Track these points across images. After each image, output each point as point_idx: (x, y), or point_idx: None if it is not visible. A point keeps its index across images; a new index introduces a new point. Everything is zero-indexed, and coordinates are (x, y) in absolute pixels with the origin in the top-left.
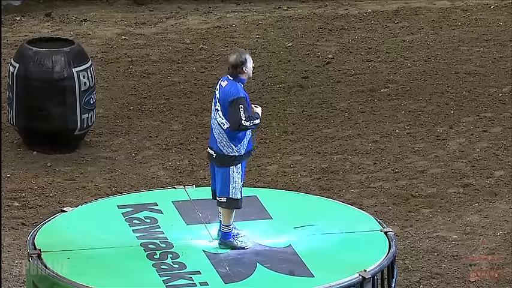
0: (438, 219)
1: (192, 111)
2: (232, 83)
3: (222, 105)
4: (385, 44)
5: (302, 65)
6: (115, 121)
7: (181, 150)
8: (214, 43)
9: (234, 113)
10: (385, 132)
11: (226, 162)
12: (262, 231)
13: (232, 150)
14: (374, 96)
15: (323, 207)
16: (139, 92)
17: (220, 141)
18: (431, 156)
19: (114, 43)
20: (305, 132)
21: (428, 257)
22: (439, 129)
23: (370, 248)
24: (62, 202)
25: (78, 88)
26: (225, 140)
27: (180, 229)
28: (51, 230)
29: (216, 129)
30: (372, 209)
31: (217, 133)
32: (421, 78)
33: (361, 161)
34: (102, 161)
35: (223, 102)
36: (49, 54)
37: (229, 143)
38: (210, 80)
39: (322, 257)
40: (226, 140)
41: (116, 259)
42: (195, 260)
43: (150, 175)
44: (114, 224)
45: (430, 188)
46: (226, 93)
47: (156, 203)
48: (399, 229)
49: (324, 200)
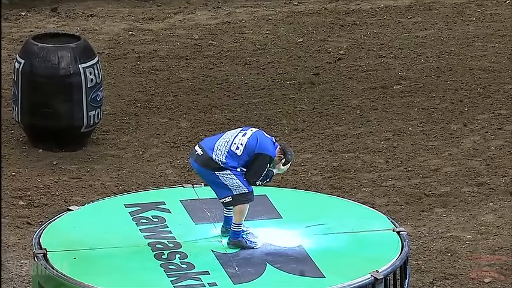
0: (452, 218)
1: (200, 108)
2: (271, 140)
3: (246, 145)
4: (397, 40)
5: (313, 61)
6: (122, 118)
7: (189, 148)
8: (224, 39)
9: (258, 168)
10: (397, 130)
11: (210, 166)
12: (272, 231)
13: (221, 163)
14: (386, 93)
15: (334, 206)
16: (147, 88)
17: (219, 152)
18: (445, 154)
19: (121, 39)
20: (316, 129)
21: (441, 257)
22: (452, 126)
23: (383, 248)
24: (68, 201)
25: (85, 85)
26: (222, 155)
27: (188, 228)
28: (57, 230)
29: (224, 145)
30: (384, 208)
31: (223, 147)
32: (434, 75)
33: (373, 159)
34: (109, 159)
35: (249, 146)
36: (55, 50)
37: (224, 161)
38: (219, 76)
39: (333, 257)
40: (224, 158)
41: (123, 259)
42: (203, 260)
43: (157, 173)
44: (121, 224)
45: (443, 186)
46: (261, 143)
47: (164, 202)
48: (412, 229)
49: (335, 199)
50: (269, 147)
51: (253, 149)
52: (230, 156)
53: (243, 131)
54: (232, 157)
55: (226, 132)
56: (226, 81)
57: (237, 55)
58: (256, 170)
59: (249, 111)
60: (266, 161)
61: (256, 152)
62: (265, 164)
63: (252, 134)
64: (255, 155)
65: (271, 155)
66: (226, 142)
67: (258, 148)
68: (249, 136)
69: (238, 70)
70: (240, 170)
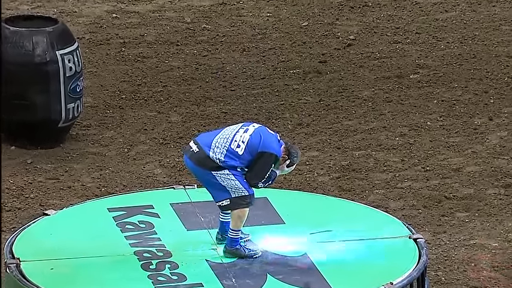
0: (476, 224)
1: (193, 101)
2: (276, 137)
3: (248, 143)
4: (414, 23)
5: (319, 47)
6: (105, 112)
7: (180, 145)
8: (219, 22)
9: (261, 169)
10: (414, 125)
11: (207, 164)
12: (274, 238)
13: (219, 162)
14: (402, 83)
15: (343, 210)
16: (133, 78)
17: (217, 149)
18: (468, 152)
19: (103, 22)
20: (323, 124)
21: (464, 267)
22: (476, 121)
23: (397, 257)
24: (44, 204)
25: (63, 74)
26: (221, 154)
27: (179, 235)
28: (31, 237)
29: (223, 142)
30: (400, 212)
31: (222, 144)
32: (456, 63)
33: (387, 157)
34: (90, 157)
35: (252, 144)
36: (29, 35)
37: (222, 160)
38: (214, 64)
39: (342, 268)
40: (223, 156)
41: (106, 270)
42: (196, 270)
43: (145, 173)
44: (104, 230)
45: (466, 188)
46: (264, 141)
47: (152, 206)
48: (431, 235)
49: (344, 202)
50: (274, 145)
51: (256, 147)
52: (230, 154)
53: (244, 126)
54: (232, 156)
55: (226, 128)
56: (222, 70)
57: (234, 40)
58: (259, 170)
59: (247, 104)
60: (271, 161)
61: (260, 150)
62: (269, 164)
63: (254, 130)
64: (258, 154)
65: (276, 154)
66: (225, 139)
67: (261, 146)
68: (252, 133)
69: (236, 57)
70: (241, 170)
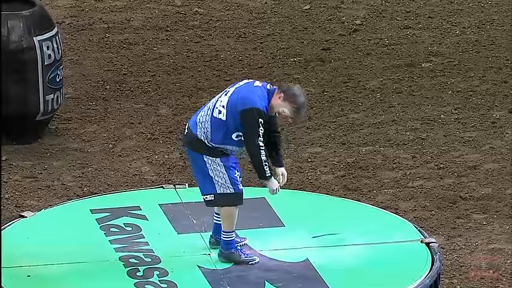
0: (494, 227)
1: (184, 92)
2: (262, 88)
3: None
4: (427, 7)
5: (322, 33)
6: (87, 104)
7: (170, 141)
8: (212, 6)
9: (250, 129)
10: (426, 118)
11: (196, 146)
12: (272, 242)
13: (207, 141)
14: (413, 72)
15: (348, 211)
16: (118, 67)
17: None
18: (486, 148)
19: (85, 5)
20: (326, 117)
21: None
22: (495, 114)
23: (408, 264)
24: (21, 205)
25: (41, 62)
26: (207, 128)
27: (169, 239)
28: (6, 241)
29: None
30: (411, 214)
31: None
32: (472, 50)
33: (396, 153)
34: (71, 153)
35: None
36: (4, 19)
37: (210, 137)
38: (207, 52)
39: (347, 275)
40: (209, 131)
41: (89, 277)
42: (187, 278)
43: (131, 171)
44: (87, 233)
45: (483, 188)
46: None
47: (139, 207)
48: (445, 239)
49: (349, 203)
50: (254, 98)
51: (235, 107)
52: (215, 126)
53: (227, 89)
54: (217, 127)
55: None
56: (215, 58)
57: (229, 26)
58: (249, 132)
59: None
60: (254, 116)
61: (239, 109)
62: (255, 120)
63: (234, 90)
64: (239, 113)
65: (254, 106)
66: (208, 109)
67: (240, 104)
68: (231, 93)
69: (231, 44)
70: (238, 138)
